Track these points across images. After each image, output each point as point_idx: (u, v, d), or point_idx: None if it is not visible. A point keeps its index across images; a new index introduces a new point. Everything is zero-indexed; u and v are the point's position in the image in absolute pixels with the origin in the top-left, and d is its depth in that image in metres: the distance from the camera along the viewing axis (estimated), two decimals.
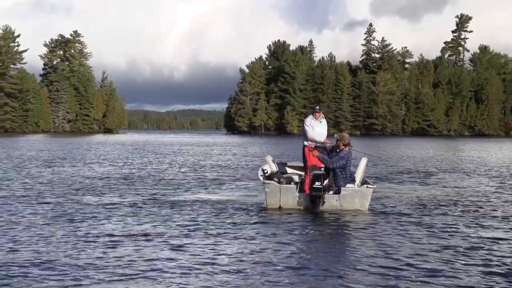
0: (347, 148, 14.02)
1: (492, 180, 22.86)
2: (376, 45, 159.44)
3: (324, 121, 14.89)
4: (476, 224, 12.28)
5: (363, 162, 14.36)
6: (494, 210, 14.38)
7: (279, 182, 14.00)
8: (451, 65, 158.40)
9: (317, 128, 14.60)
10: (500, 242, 10.42)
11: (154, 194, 17.12)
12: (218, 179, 22.31)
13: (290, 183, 14.24)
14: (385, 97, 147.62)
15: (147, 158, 36.92)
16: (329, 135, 15.23)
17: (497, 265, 8.77)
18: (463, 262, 8.93)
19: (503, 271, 8.41)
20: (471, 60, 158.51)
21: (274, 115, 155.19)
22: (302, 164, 15.79)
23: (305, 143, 14.52)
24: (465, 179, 23.33)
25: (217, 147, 57.65)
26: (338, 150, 14.08)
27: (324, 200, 13.54)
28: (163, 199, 15.87)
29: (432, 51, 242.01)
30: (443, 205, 15.13)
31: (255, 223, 12.16)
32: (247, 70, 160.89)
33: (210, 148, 54.86)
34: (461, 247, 9.94)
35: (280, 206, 13.85)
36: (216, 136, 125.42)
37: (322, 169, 14.18)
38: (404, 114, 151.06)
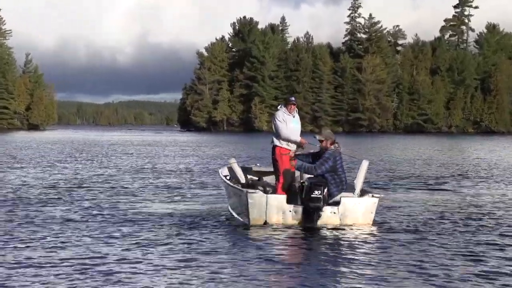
0: (332, 146, 13.99)
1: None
2: (363, 24, 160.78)
3: (297, 116, 14.99)
4: (502, 243, 12.38)
5: (364, 165, 14.34)
6: None
7: (265, 192, 13.84)
8: (452, 48, 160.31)
9: (290, 124, 14.58)
10: None
11: (104, 205, 17.09)
12: (178, 186, 22.47)
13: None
14: (373, 87, 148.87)
15: (89, 161, 36.66)
16: (305, 133, 15.27)
17: None
18: None
19: None
20: (476, 41, 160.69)
21: (238, 108, 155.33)
22: (269, 169, 15.88)
23: (276, 142, 14.52)
24: (480, 186, 23.67)
25: (172, 148, 57.45)
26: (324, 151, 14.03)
27: (321, 213, 13.46)
28: (114, 212, 15.82)
29: (431, 31, 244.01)
30: (458, 219, 15.28)
31: (236, 243, 12.00)
32: (206, 54, 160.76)
33: (164, 149, 54.61)
34: (484, 271, 10.01)
35: (265, 221, 13.66)
36: (169, 134, 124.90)
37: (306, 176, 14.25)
38: (396, 107, 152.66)
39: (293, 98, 14.98)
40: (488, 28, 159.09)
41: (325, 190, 13.32)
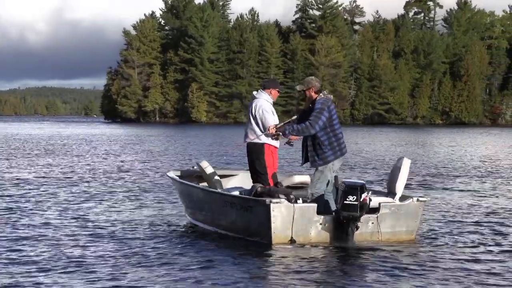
0: (321, 94, 13.31)
1: None
2: None
3: None
4: None
5: (406, 164, 13.41)
6: None
7: (289, 200, 12.73)
8: (418, 27, 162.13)
9: (276, 116, 14.62)
10: None
11: (51, 212, 16.56)
12: (127, 190, 21.77)
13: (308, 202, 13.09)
14: (327, 71, 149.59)
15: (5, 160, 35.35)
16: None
17: None
18: None
19: None
20: (445, 20, 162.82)
21: (173, 96, 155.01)
22: (231, 172, 16.31)
23: (265, 139, 14.16)
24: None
25: (100, 143, 56.33)
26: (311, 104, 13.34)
27: (358, 224, 12.56)
28: (66, 222, 15.20)
29: (393, 8, 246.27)
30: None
31: (260, 266, 11.31)
32: (134, 32, 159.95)
33: (91, 145, 53.30)
34: None
35: (292, 238, 12.64)
36: (92, 126, 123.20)
37: None
38: (354, 95, 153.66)
39: (279, 84, 14.96)
40: (459, 4, 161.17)
41: (364, 195, 12.27)
